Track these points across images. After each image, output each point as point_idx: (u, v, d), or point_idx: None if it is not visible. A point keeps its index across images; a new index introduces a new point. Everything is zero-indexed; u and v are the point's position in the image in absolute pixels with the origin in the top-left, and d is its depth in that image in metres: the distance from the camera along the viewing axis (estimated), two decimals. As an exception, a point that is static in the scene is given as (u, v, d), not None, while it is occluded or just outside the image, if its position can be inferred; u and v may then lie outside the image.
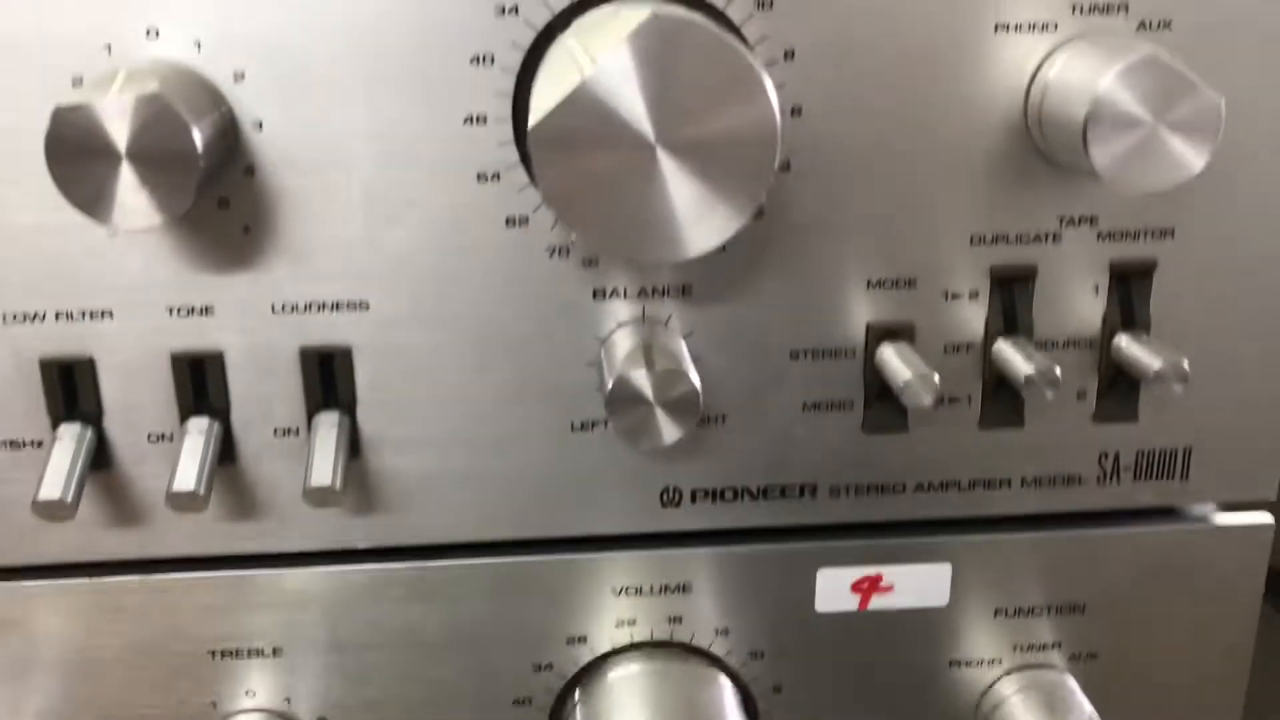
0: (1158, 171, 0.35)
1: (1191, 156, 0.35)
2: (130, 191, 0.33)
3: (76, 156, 0.33)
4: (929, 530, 0.44)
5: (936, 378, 0.38)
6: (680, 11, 0.33)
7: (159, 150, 0.33)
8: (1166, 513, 0.45)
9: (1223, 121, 0.35)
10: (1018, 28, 0.38)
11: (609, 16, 0.34)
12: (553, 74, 0.34)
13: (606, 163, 0.33)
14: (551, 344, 0.40)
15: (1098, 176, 0.35)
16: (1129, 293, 0.41)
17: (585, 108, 0.32)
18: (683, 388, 0.37)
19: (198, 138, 0.33)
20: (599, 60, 0.32)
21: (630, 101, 0.32)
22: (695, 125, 0.33)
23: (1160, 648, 0.46)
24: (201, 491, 0.37)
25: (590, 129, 0.32)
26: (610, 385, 0.37)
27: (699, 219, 0.33)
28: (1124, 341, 0.41)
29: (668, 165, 0.33)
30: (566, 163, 0.33)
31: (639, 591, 0.43)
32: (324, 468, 0.38)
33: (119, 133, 0.32)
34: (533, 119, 0.33)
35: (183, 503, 0.37)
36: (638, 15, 0.32)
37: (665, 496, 0.42)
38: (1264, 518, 0.45)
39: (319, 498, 0.38)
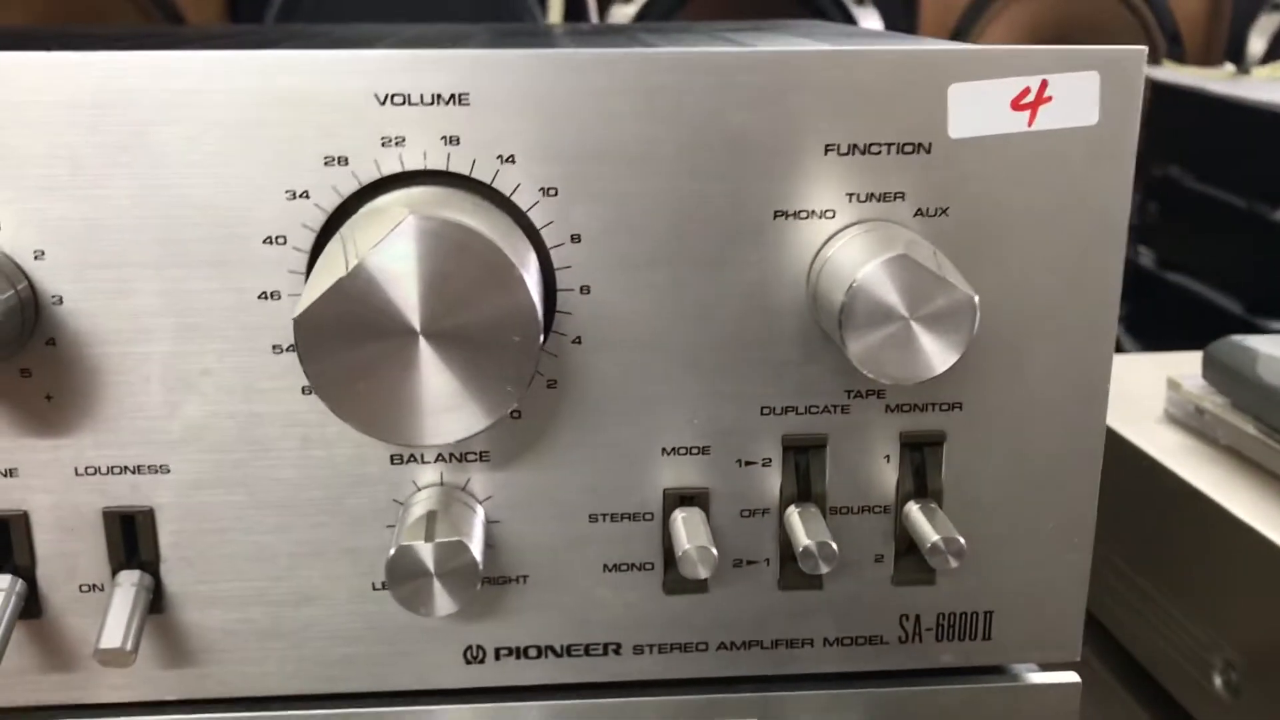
0: (909, 364, 0.36)
1: (940, 351, 0.36)
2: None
3: None
4: (735, 686, 0.45)
5: (714, 551, 0.39)
6: (437, 211, 0.34)
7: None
8: (979, 670, 0.46)
9: (976, 318, 0.36)
10: (797, 214, 0.39)
11: (379, 212, 0.35)
12: (324, 265, 0.35)
13: (369, 352, 0.34)
14: (351, 506, 0.41)
15: (852, 361, 0.36)
16: (921, 462, 0.42)
17: (350, 299, 0.34)
18: (462, 559, 0.38)
19: (-21, 322, 0.34)
20: (362, 254, 0.34)
21: (395, 293, 0.34)
22: (455, 315, 0.34)
23: (972, 803, 0.47)
24: (-5, 651, 0.38)
25: (354, 319, 0.34)
26: (390, 554, 0.38)
27: (462, 405, 0.35)
28: (912, 510, 0.42)
29: (428, 354, 0.34)
30: (329, 349, 0.34)
31: (447, 745, 0.44)
32: (115, 630, 0.39)
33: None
34: (298, 308, 0.34)
35: (-29, 664, 0.38)
36: (397, 215, 0.34)
37: (469, 654, 0.43)
38: (1071, 677, 0.46)
39: (110, 658, 0.39)
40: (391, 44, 0.47)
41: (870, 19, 1.41)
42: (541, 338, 0.35)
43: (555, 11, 1.35)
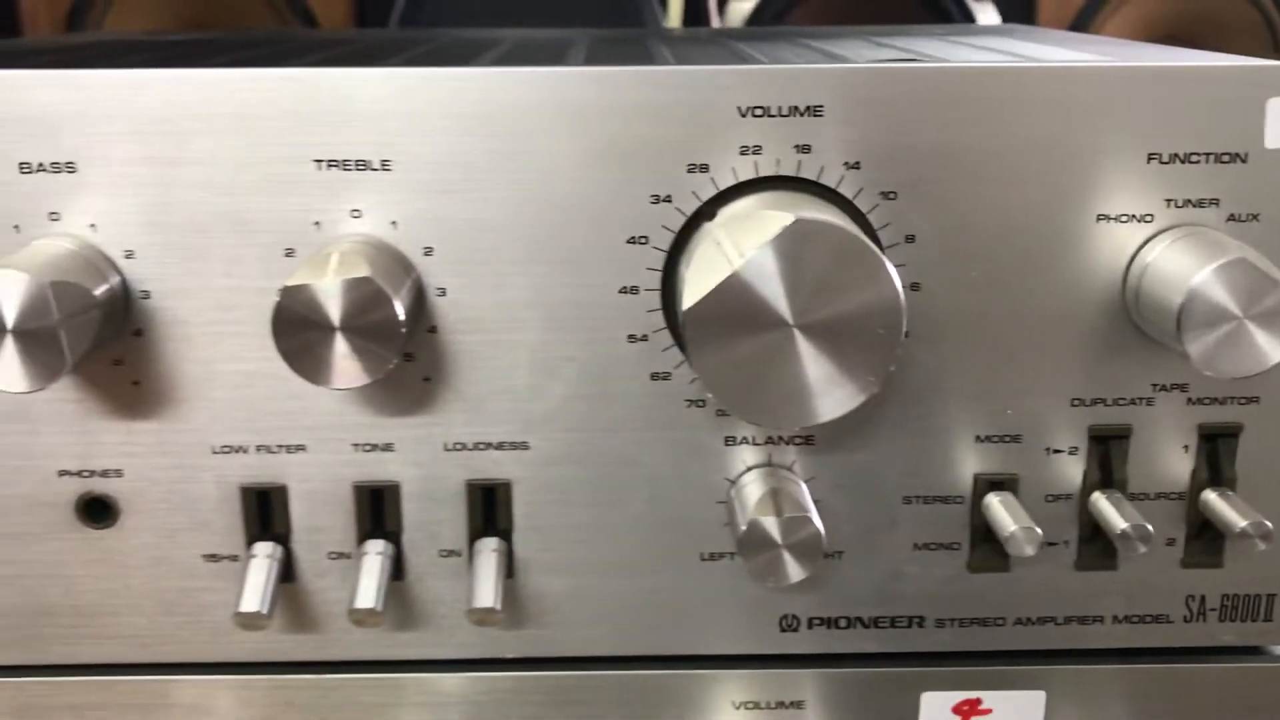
0: (1244, 360, 0.39)
1: (1273, 346, 0.39)
2: (343, 358, 0.38)
3: (297, 328, 0.38)
4: (1026, 659, 0.48)
5: (1039, 531, 0.42)
6: (816, 214, 0.38)
7: (368, 323, 0.38)
8: (1255, 651, 0.48)
9: (1305, 315, 0.39)
10: (1117, 218, 0.42)
11: (753, 214, 0.39)
12: (703, 262, 0.39)
13: (750, 342, 0.38)
14: (685, 483, 0.45)
15: (1189, 360, 0.39)
16: (1216, 453, 0.45)
17: (732, 295, 0.37)
18: (807, 532, 0.41)
19: (399, 310, 0.38)
20: (746, 255, 0.37)
21: (772, 289, 0.37)
22: (828, 308, 0.37)
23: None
24: (380, 609, 0.43)
25: (736, 313, 0.37)
26: (743, 529, 0.41)
27: (829, 392, 0.38)
28: (1211, 498, 0.44)
29: (803, 345, 0.38)
30: (715, 341, 0.38)
31: (756, 706, 0.48)
32: (486, 591, 0.43)
33: (334, 309, 0.38)
34: (686, 302, 0.38)
35: (361, 617, 0.43)
36: (781, 219, 0.37)
37: (784, 623, 0.47)
38: (1346, 660, 0.48)
39: (481, 617, 0.43)
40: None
41: (989, 15, 1.41)
42: (904, 331, 0.38)
43: (675, 11, 1.37)
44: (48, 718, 0.47)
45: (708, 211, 0.42)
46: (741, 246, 0.38)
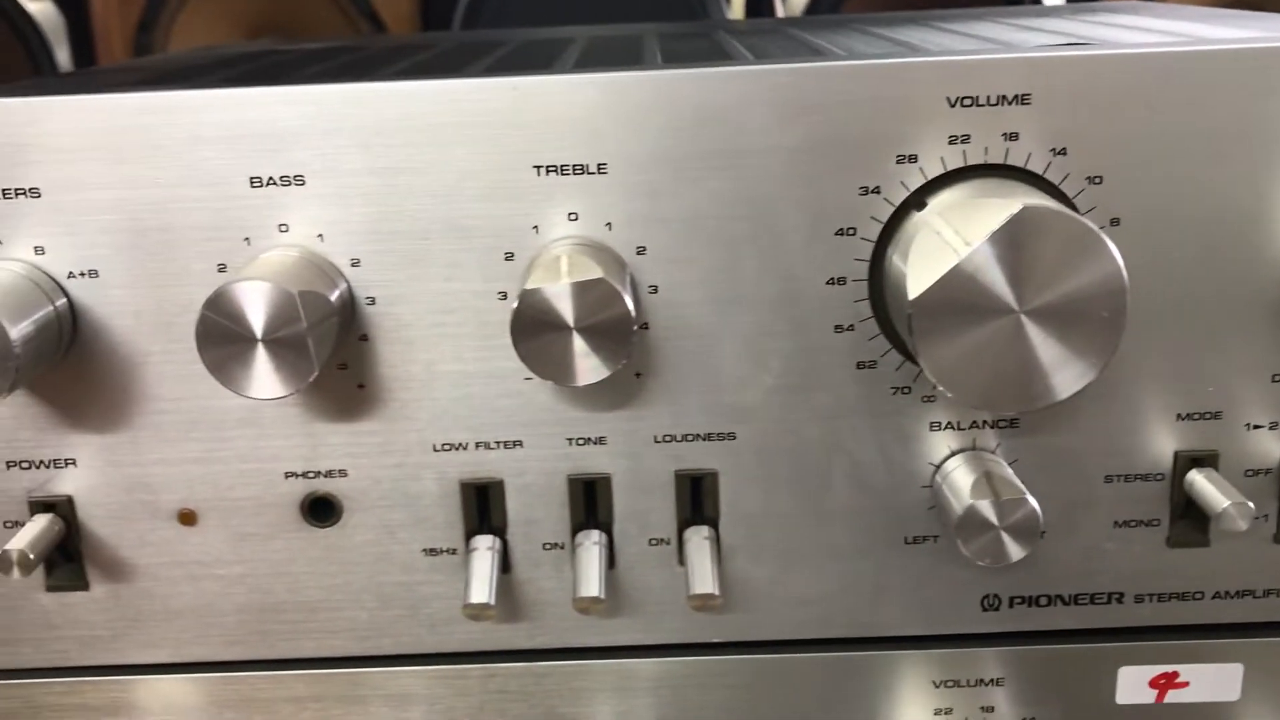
0: None
1: None
2: (581, 357, 0.40)
3: (535, 330, 0.40)
4: (1224, 633, 0.48)
5: (1252, 505, 0.43)
6: (1040, 201, 0.38)
7: (602, 322, 0.39)
8: None
9: None
10: (1323, 195, 0.43)
11: (974, 203, 0.40)
12: (924, 252, 0.40)
13: (977, 330, 0.39)
14: (889, 469, 0.46)
15: None
16: None
17: (959, 283, 0.38)
18: (1024, 512, 0.42)
19: (630, 307, 0.40)
20: (972, 243, 0.38)
21: (997, 277, 0.38)
22: (1053, 293, 0.38)
23: None
24: (602, 595, 0.44)
25: (963, 301, 0.38)
26: (959, 513, 0.42)
27: (1055, 375, 0.39)
28: None
29: (1031, 330, 0.39)
30: (942, 330, 0.39)
31: (956, 684, 0.49)
32: (705, 577, 0.44)
33: (569, 310, 0.39)
34: (912, 293, 0.38)
35: (586, 605, 0.44)
36: (1008, 207, 0.38)
37: (985, 602, 0.47)
38: None
39: (701, 603, 0.44)
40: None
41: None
42: (1128, 312, 0.39)
43: (738, 4, 1.37)
44: (270, 711, 0.49)
45: (915, 201, 0.43)
46: (966, 235, 0.39)
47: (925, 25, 0.66)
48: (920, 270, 0.39)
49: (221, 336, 0.40)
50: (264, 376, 0.40)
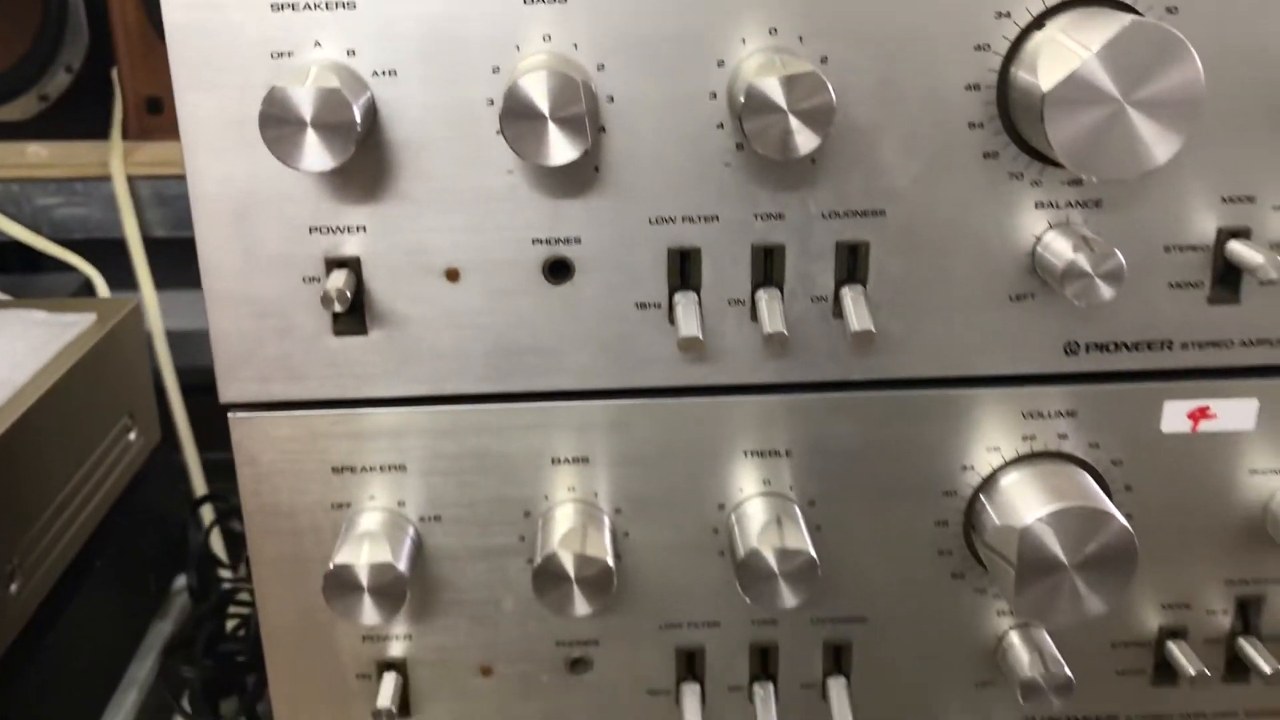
0: None
1: None
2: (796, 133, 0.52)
3: (757, 113, 0.52)
4: (1245, 374, 0.62)
5: (1279, 257, 0.57)
6: (1145, 20, 0.51)
7: (815, 108, 0.52)
8: None
9: None
10: (1341, 23, 0.56)
11: (1091, 19, 0.52)
12: (1053, 56, 0.52)
13: (1093, 113, 0.51)
14: (1001, 237, 0.59)
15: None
16: (1402, 205, 0.59)
17: (1081, 78, 0.51)
18: (1114, 262, 0.56)
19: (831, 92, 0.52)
20: (1093, 48, 0.51)
21: (1107, 73, 0.51)
22: (1151, 87, 0.51)
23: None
24: (785, 331, 0.57)
25: (1084, 92, 0.51)
26: (1062, 267, 0.56)
27: (1152, 147, 0.52)
28: (1399, 239, 0.59)
29: (1133, 114, 0.52)
30: (1067, 114, 0.52)
31: (1040, 415, 0.62)
32: (862, 317, 0.57)
33: (778, 98, 0.52)
34: (1045, 86, 0.51)
35: (779, 340, 0.57)
36: (1120, 20, 0.51)
37: (1068, 347, 0.61)
38: None
39: (860, 341, 0.57)
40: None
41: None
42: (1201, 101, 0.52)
43: None
44: (505, 435, 0.61)
45: (1037, 23, 0.55)
46: (1086, 42, 0.51)
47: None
48: (1049, 69, 0.52)
49: (519, 115, 0.51)
50: (556, 144, 0.52)
